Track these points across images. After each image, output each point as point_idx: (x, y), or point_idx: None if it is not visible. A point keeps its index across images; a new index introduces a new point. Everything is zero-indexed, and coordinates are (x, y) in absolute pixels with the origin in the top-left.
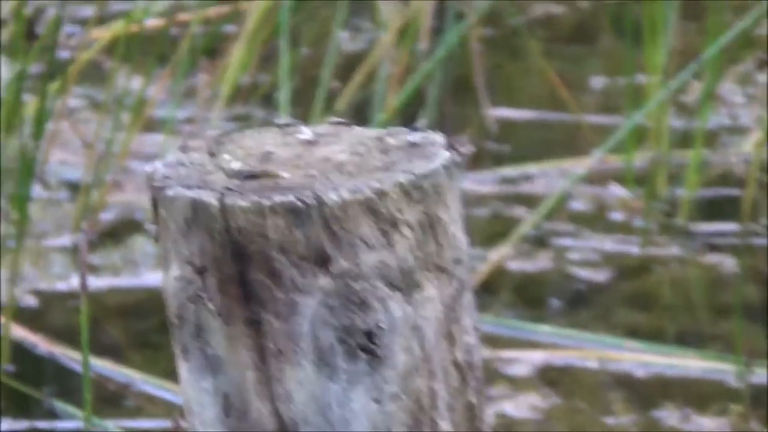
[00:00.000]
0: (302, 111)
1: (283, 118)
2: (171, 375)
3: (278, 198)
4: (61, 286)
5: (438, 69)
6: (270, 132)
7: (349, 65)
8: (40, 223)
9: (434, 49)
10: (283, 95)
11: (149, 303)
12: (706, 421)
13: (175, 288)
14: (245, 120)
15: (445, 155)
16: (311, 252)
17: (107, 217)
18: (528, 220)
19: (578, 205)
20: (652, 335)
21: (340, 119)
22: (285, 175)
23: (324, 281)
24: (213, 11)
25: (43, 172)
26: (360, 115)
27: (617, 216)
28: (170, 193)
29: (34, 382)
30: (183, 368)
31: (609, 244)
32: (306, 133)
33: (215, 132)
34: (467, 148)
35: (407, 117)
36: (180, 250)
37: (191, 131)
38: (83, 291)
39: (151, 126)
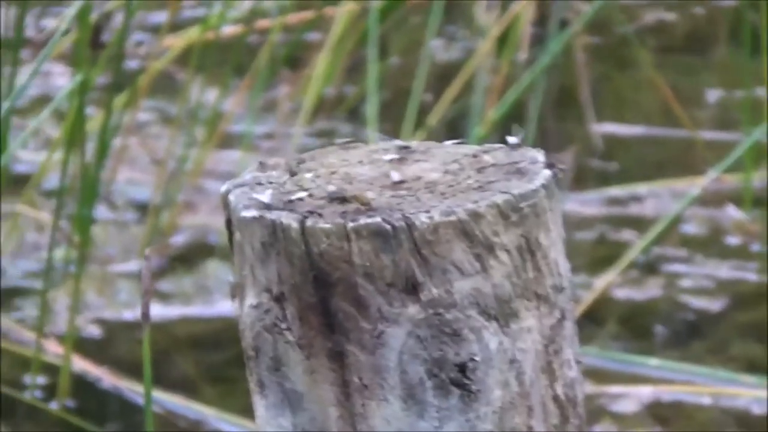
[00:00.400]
0: (391, 126)
1: (371, 134)
2: (246, 411)
3: (364, 220)
4: (127, 315)
5: (540, 80)
6: (356, 149)
7: (442, 76)
8: (105, 247)
9: (536, 59)
10: (371, 109)
11: (223, 333)
12: None
13: (252, 317)
14: (329, 135)
15: (546, 174)
16: (400, 278)
17: (178, 240)
18: (637, 245)
19: (691, 229)
20: None
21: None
22: (372, 196)
23: (413, 310)
24: (295, 17)
25: (109, 191)
26: (454, 130)
27: (733, 240)
28: (247, 214)
29: (97, 419)
30: (259, 404)
31: (724, 270)
32: (394, 150)
33: (296, 149)
34: (570, 167)
35: (505, 132)
36: (257, 277)
37: (270, 148)
38: (145, 321)
39: (227, 142)
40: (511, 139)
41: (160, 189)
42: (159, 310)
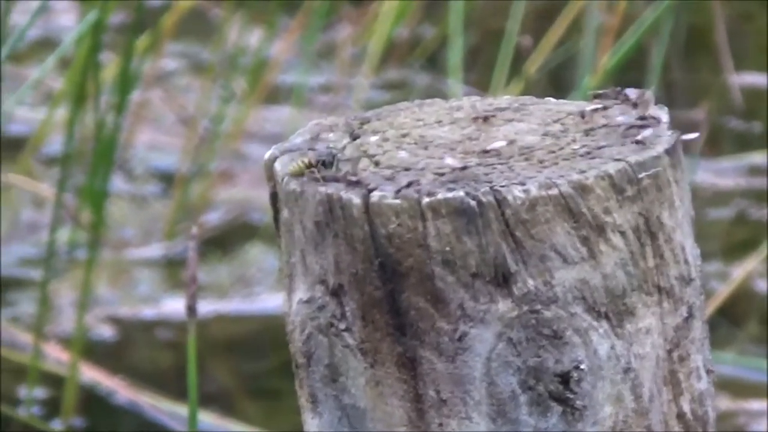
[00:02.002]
0: (479, 76)
1: (453, 87)
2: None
3: (442, 194)
4: (147, 312)
5: (665, 19)
6: (433, 106)
7: (543, 14)
8: (121, 228)
9: None
10: (453, 55)
11: (266, 335)
12: None
13: (302, 315)
14: (401, 88)
15: (670, 137)
16: (487, 267)
17: (211, 219)
18: None
19: None
20: None
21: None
22: (452, 163)
23: (504, 307)
24: None
25: (126, 158)
26: (558, 81)
27: None
28: (297, 187)
29: None
30: (311, 423)
31: None
32: (482, 107)
33: (359, 105)
34: (701, 128)
35: (622, 85)
36: (309, 265)
37: (327, 103)
38: (191, 317)
39: (274, 96)
40: (632, 93)
41: (189, 155)
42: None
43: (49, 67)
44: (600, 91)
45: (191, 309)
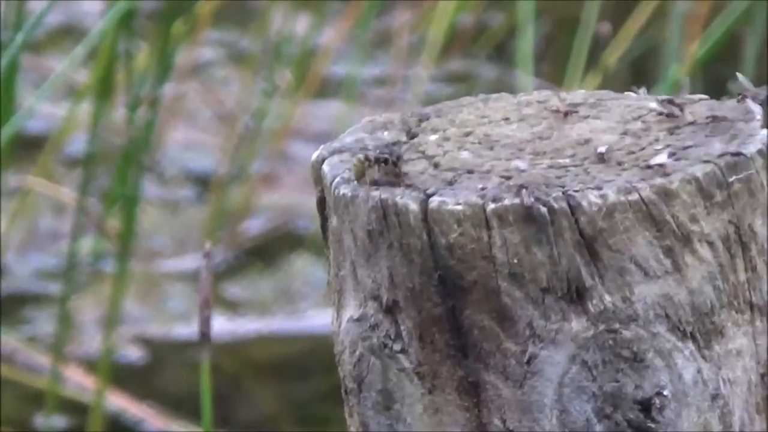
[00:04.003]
0: (551, 69)
1: (523, 80)
2: None
3: (509, 200)
4: (180, 330)
5: (760, 6)
6: (500, 101)
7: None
8: (151, 237)
9: None
10: (523, 44)
11: (312, 357)
12: None
13: (353, 335)
14: (464, 81)
15: (764, 136)
16: (559, 281)
17: (252, 227)
18: None
19: None
20: None
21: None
22: (520, 165)
23: (578, 325)
24: None
25: (158, 159)
26: (640, 73)
27: None
28: (347, 192)
29: None
30: None
31: None
32: (555, 102)
33: (418, 99)
34: None
35: (712, 76)
36: (360, 279)
37: (382, 98)
38: (204, 342)
39: (323, 90)
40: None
41: (227, 155)
42: (226, 325)
43: (76, 59)
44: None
45: (205, 336)
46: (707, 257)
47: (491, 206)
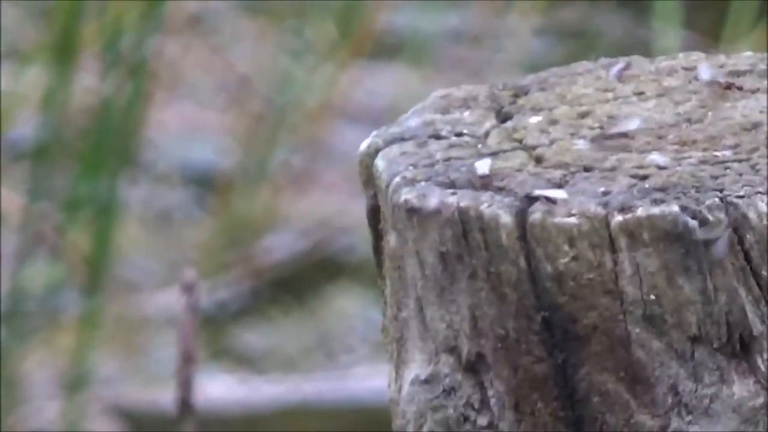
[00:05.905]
0: (705, 21)
1: (661, 40)
2: None
3: (644, 210)
4: (170, 396)
5: None
6: (631, 68)
7: None
8: (133, 262)
9: None
10: None
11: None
12: None
13: (419, 403)
14: (579, 39)
15: None
16: (715, 327)
17: (277, 248)
18: None
19: None
20: None
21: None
22: (660, 160)
23: (743, 390)
24: None
25: (141, 149)
26: None
27: None
28: (412, 197)
29: None
30: None
31: None
32: (711, 70)
33: (513, 66)
34: None
35: None
36: (430, 323)
37: (461, 62)
38: (183, 414)
39: (377, 51)
40: None
41: (239, 144)
42: (237, 390)
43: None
44: None
45: (185, 404)
46: None
47: (618, 218)
